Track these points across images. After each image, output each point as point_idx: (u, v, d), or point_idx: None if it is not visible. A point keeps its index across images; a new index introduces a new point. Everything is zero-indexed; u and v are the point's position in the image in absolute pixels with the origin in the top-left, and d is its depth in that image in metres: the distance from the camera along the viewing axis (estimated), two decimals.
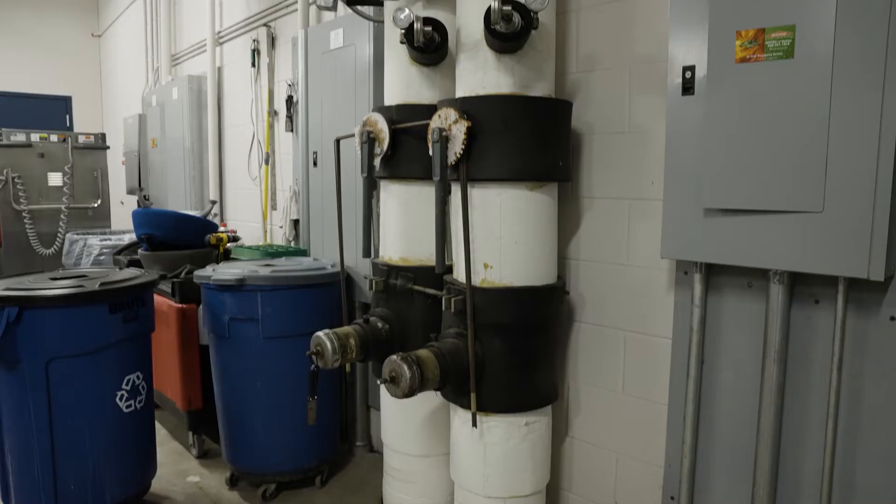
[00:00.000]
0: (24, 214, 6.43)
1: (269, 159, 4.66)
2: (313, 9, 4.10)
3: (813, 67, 1.85)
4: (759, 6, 1.93)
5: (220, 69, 5.44)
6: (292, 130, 4.21)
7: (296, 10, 4.21)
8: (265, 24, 4.67)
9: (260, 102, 4.77)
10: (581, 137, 2.63)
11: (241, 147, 5.14)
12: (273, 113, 4.61)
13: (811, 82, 1.85)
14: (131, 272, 3.25)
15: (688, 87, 2.12)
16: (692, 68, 2.11)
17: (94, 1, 9.44)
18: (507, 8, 1.99)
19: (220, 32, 5.35)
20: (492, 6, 2.00)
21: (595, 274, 2.66)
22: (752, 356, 2.13)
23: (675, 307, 2.32)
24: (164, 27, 6.42)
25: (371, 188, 2.72)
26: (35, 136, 6.52)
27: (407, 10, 2.36)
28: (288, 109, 4.24)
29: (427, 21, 2.38)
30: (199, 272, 3.29)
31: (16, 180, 6.39)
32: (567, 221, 2.70)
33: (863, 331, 1.94)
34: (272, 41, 4.62)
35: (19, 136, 6.45)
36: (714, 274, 2.22)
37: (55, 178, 6.63)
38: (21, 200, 6.42)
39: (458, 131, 2.19)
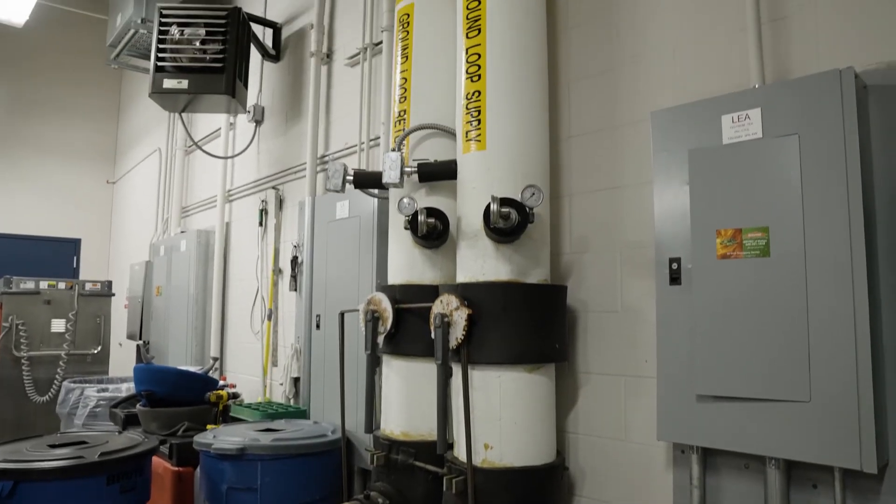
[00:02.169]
0: (22, 361, 6.43)
1: (271, 315, 4.77)
2: (321, 176, 4.37)
3: (788, 265, 2.00)
4: (735, 208, 2.11)
5: (228, 224, 5.68)
6: (296, 290, 4.35)
7: (303, 176, 4.49)
8: (274, 187, 4.95)
9: (265, 260, 4.95)
10: (576, 314, 2.75)
11: (244, 301, 5.27)
12: (278, 271, 4.78)
13: (787, 279, 1.99)
14: (131, 438, 3.24)
15: (674, 277, 2.27)
16: (678, 260, 2.26)
17: (112, 151, 9.96)
18: (506, 209, 2.17)
19: (230, 190, 5.65)
20: (491, 208, 2.18)
21: (594, 448, 2.68)
22: None
23: (674, 487, 2.34)
24: (177, 181, 6.76)
25: (374, 365, 2.80)
26: (44, 284, 6.66)
27: (411, 200, 2.56)
28: (293, 269, 4.41)
29: (430, 212, 2.57)
30: (198, 438, 3.29)
31: (19, 327, 6.45)
32: (565, 396, 2.76)
33: None
34: (280, 203, 4.88)
35: (28, 284, 6.59)
36: (711, 455, 2.26)
37: (58, 325, 6.70)
38: (22, 347, 6.45)
39: (460, 318, 2.30)
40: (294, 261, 4.41)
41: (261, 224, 5.02)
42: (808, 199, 1.99)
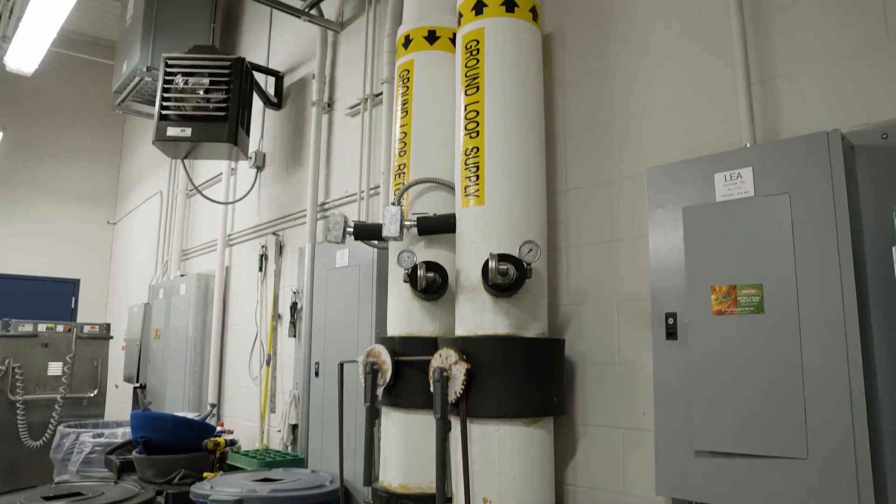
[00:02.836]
0: (17, 405, 6.39)
1: (270, 361, 4.78)
2: (320, 223, 4.43)
3: (782, 322, 2.03)
4: (729, 265, 2.15)
5: (228, 269, 5.72)
6: (295, 336, 4.37)
7: (304, 223, 4.54)
8: (274, 233, 5.00)
9: (265, 305, 4.97)
10: (574, 366, 2.77)
11: (243, 346, 5.27)
12: (277, 317, 4.80)
13: (782, 335, 2.02)
14: (127, 489, 3.23)
15: (671, 332, 2.29)
16: (674, 315, 2.29)
17: (113, 192, 10.04)
18: (504, 266, 2.21)
19: (230, 235, 5.70)
20: (489, 265, 2.22)
21: (593, 501, 2.67)
22: None
23: None
24: (178, 224, 6.81)
25: (373, 417, 2.80)
26: (42, 327, 6.66)
27: (411, 254, 2.60)
28: (292, 315, 4.43)
29: (429, 266, 2.61)
30: (195, 489, 3.26)
31: (16, 370, 6.43)
32: (564, 448, 2.76)
33: None
34: (280, 249, 4.92)
35: (26, 327, 6.59)
36: None
37: (55, 368, 6.67)
38: (17, 391, 6.41)
39: (458, 372, 2.32)
40: (293, 307, 4.44)
41: (260, 269, 5.05)
42: (800, 256, 2.03)
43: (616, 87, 2.81)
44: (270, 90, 5.33)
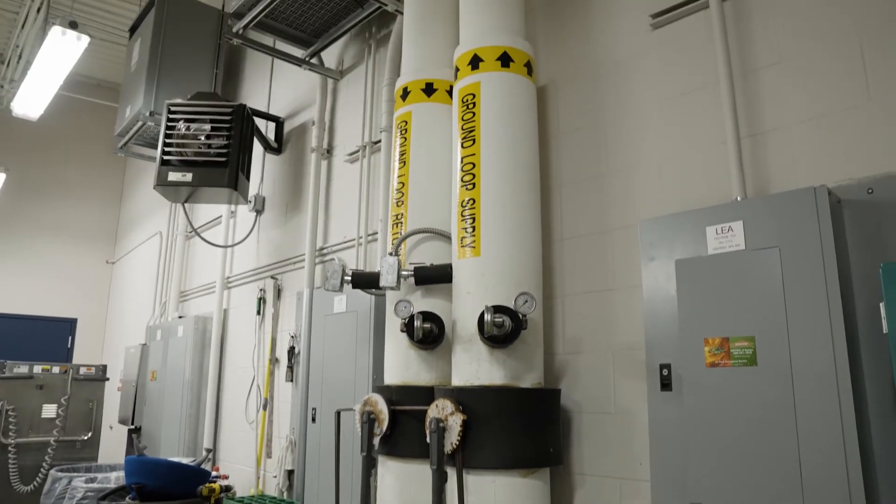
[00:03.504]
0: (9, 448, 6.32)
1: (267, 405, 4.76)
2: (319, 268, 4.46)
3: (775, 375, 2.05)
4: (722, 317, 2.18)
5: (226, 311, 5.73)
6: (292, 381, 4.36)
7: (302, 267, 4.57)
8: (272, 276, 5.03)
9: (262, 348, 4.97)
10: (571, 415, 2.77)
11: (240, 389, 5.26)
12: (274, 360, 4.80)
13: (775, 388, 2.04)
14: None
15: (665, 383, 2.31)
16: (668, 366, 2.32)
17: (113, 232, 10.10)
18: (500, 318, 2.24)
19: (229, 277, 5.72)
20: (485, 317, 2.25)
21: None
22: None
23: None
24: (177, 265, 6.84)
25: (370, 467, 2.79)
26: (37, 368, 6.63)
27: (408, 304, 2.62)
28: (289, 360, 4.43)
29: (426, 316, 2.63)
30: None
31: (9, 413, 6.37)
32: (561, 497, 2.74)
33: None
34: (278, 292, 4.94)
35: (22, 368, 6.56)
36: None
37: (49, 410, 6.62)
38: (10, 434, 6.35)
39: (455, 423, 2.33)
40: (291, 351, 4.44)
41: (259, 313, 5.07)
42: (791, 309, 2.06)
43: (609, 138, 2.88)
44: (271, 135, 5.41)
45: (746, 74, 2.50)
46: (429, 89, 3.08)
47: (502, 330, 2.30)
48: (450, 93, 3.10)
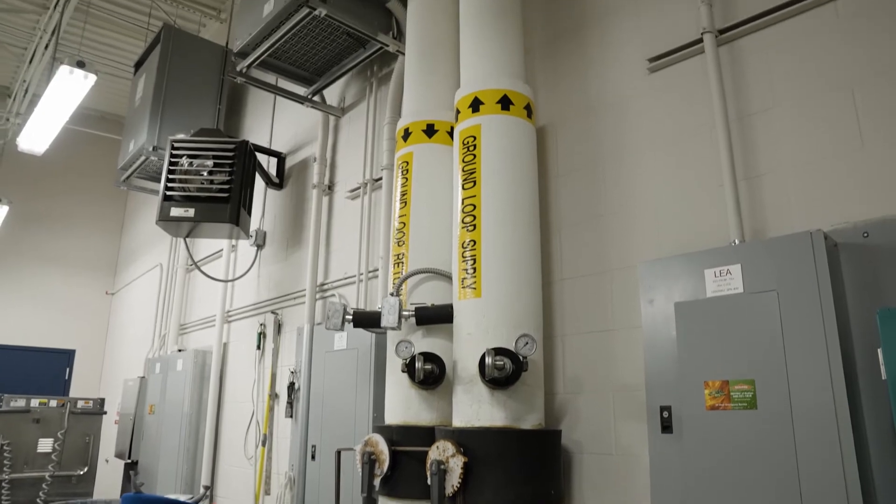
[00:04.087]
0: (3, 484, 6.25)
1: (266, 441, 4.73)
2: (319, 304, 4.47)
3: (775, 418, 2.06)
4: (721, 360, 2.20)
5: (226, 345, 5.72)
6: (292, 417, 4.34)
7: (303, 302, 4.59)
8: (273, 311, 5.04)
9: (262, 383, 4.96)
10: (571, 456, 2.76)
11: (239, 424, 5.23)
12: (274, 396, 4.78)
13: (776, 431, 2.05)
14: None
15: (666, 425, 2.32)
16: (669, 408, 2.32)
17: (113, 263, 10.12)
18: (500, 361, 2.25)
19: (229, 311, 5.73)
20: (486, 360, 2.26)
21: None
22: None
23: None
24: (177, 298, 6.84)
25: None
26: (35, 402, 6.59)
27: (409, 344, 2.64)
28: (289, 395, 4.42)
29: (427, 357, 2.64)
30: None
31: (4, 447, 6.32)
32: None
33: None
34: (278, 327, 4.95)
35: (19, 402, 6.52)
36: None
37: (45, 445, 6.56)
38: (4, 469, 6.29)
39: (456, 465, 2.33)
40: (291, 387, 4.43)
41: (258, 347, 5.07)
42: (790, 352, 2.07)
43: (607, 179, 2.92)
44: (272, 170, 5.47)
45: (742, 118, 2.55)
46: (430, 130, 3.13)
47: (503, 372, 2.31)
48: (450, 134, 3.15)
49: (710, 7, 2.67)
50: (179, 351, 6.36)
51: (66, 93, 5.15)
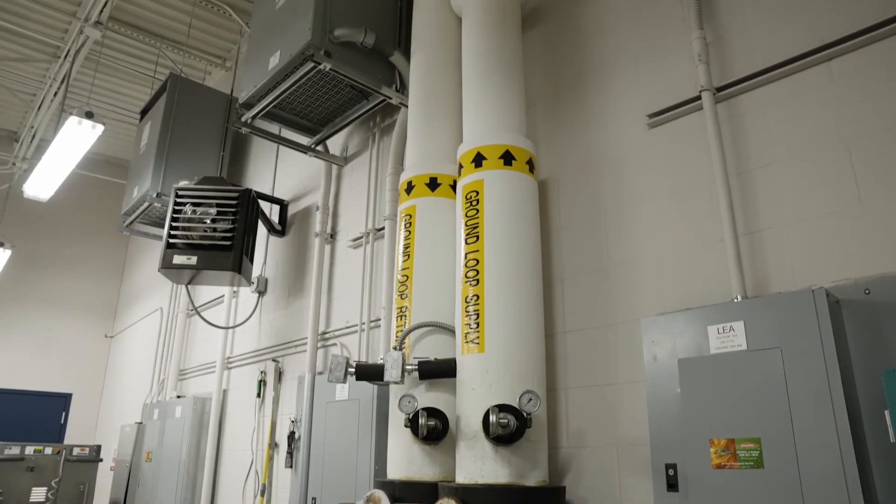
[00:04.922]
0: None
1: (265, 491, 4.66)
2: (321, 352, 4.46)
3: (782, 477, 2.04)
4: (727, 418, 2.18)
5: (225, 392, 5.68)
6: (292, 467, 4.29)
7: (304, 351, 4.57)
8: (273, 359, 5.02)
9: (262, 432, 4.91)
10: None
11: (237, 473, 5.16)
12: (274, 445, 4.73)
13: (783, 491, 2.03)
14: None
15: (672, 483, 2.29)
16: (674, 466, 2.30)
17: (113, 306, 10.10)
18: (504, 420, 2.24)
19: (229, 358, 5.70)
20: (490, 418, 2.25)
21: None
22: None
23: None
24: (177, 343, 6.81)
25: None
26: (29, 449, 6.50)
27: (412, 399, 2.62)
28: (289, 445, 4.37)
29: (430, 413, 2.63)
30: None
31: None
32: None
33: None
34: (279, 375, 4.92)
35: (13, 450, 6.43)
36: None
37: (38, 494, 6.45)
38: None
39: None
40: (291, 436, 4.39)
41: (259, 395, 5.03)
42: (796, 411, 2.07)
43: (609, 233, 2.95)
44: (275, 217, 5.51)
45: (741, 174, 2.59)
46: (433, 184, 3.17)
47: (507, 430, 2.30)
48: (453, 187, 3.19)
49: (708, 65, 2.73)
50: (178, 397, 6.30)
51: (73, 142, 5.22)
